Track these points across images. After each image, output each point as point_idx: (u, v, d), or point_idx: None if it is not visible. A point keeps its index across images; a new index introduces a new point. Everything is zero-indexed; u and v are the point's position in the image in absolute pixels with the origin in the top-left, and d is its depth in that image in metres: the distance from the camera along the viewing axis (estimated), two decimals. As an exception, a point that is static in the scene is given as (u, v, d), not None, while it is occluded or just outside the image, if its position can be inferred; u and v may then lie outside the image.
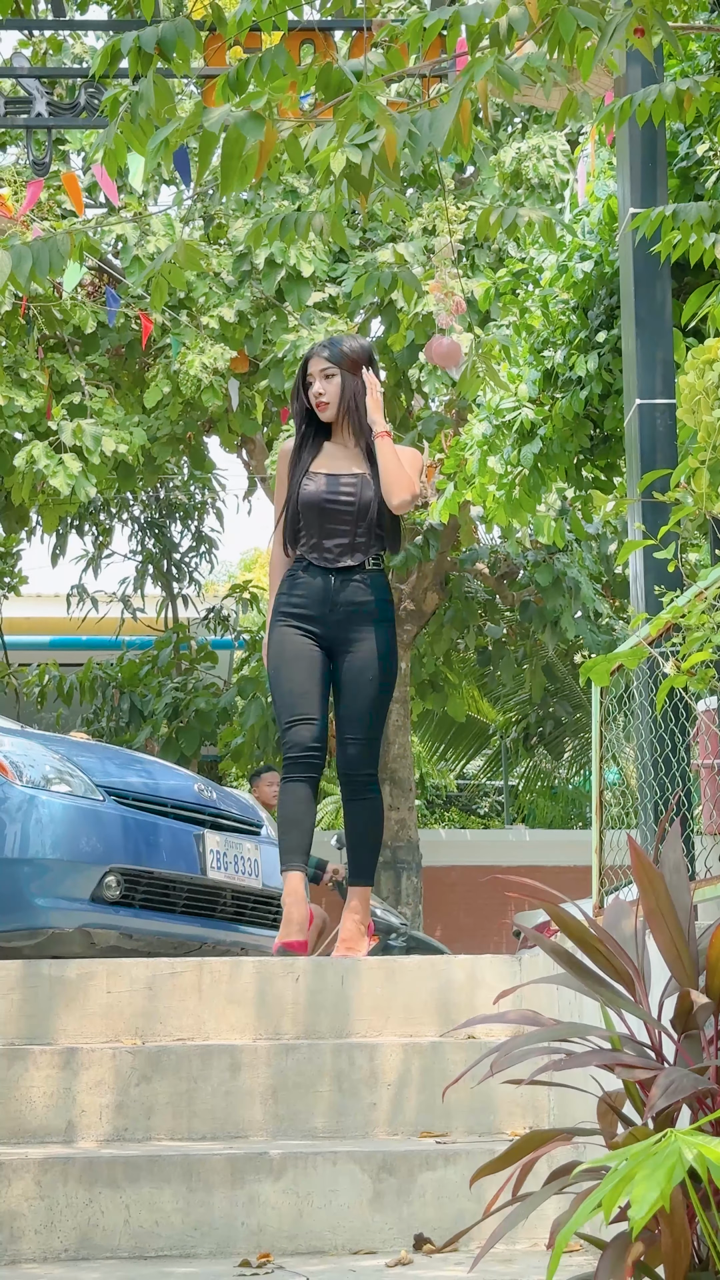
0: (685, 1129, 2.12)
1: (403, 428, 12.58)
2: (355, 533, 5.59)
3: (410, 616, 13.74)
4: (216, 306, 10.73)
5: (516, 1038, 2.71)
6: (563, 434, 7.00)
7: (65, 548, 14.49)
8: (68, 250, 3.68)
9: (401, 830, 13.63)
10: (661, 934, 2.77)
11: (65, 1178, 3.89)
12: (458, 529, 12.91)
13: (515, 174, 11.18)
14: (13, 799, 6.17)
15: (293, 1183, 3.93)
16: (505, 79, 2.93)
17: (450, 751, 18.56)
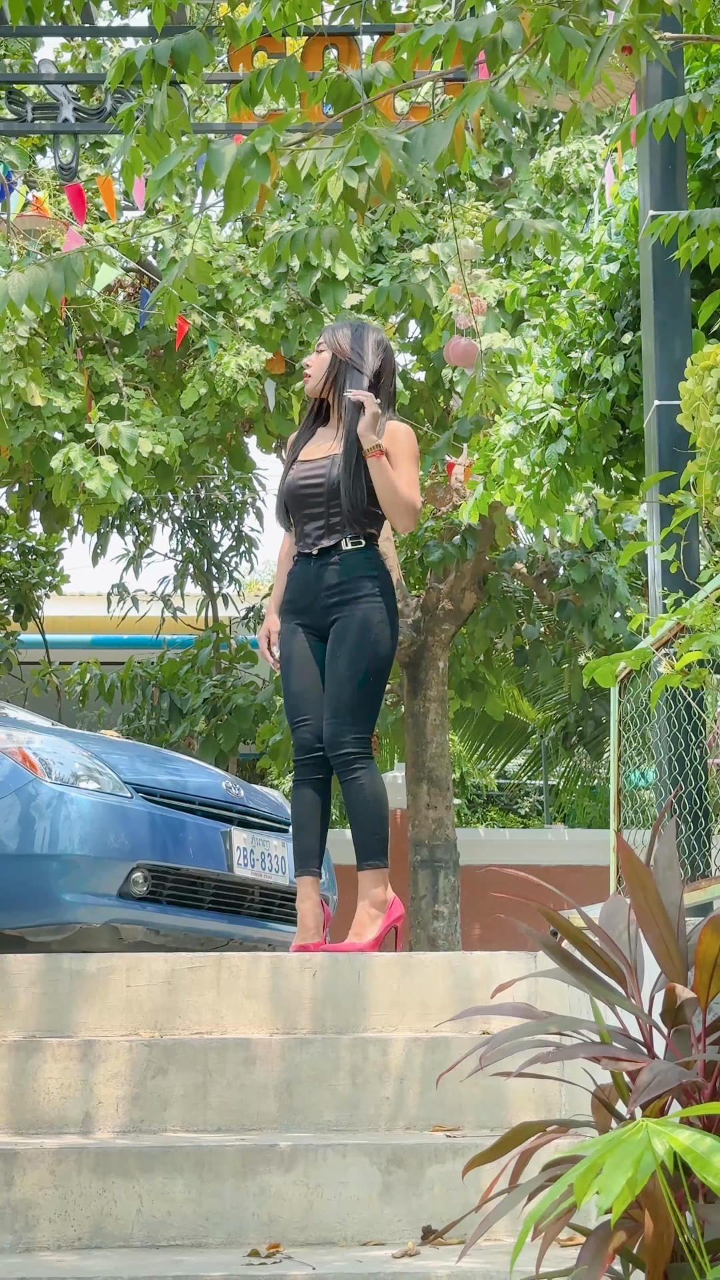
0: (658, 1119, 2.16)
1: (440, 428, 12.62)
2: (329, 514, 5.59)
3: (448, 616, 13.77)
4: (253, 308, 10.79)
5: (506, 1031, 2.76)
6: (590, 435, 7.03)
7: (106, 547, 14.59)
8: (82, 269, 3.74)
9: (439, 829, 13.65)
10: (650, 930, 2.81)
11: (79, 1167, 3.96)
12: (494, 529, 12.93)
13: (556, 179, 11.20)
14: (42, 796, 6.25)
15: (303, 1174, 3.99)
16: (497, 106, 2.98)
17: (490, 750, 18.58)
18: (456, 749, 18.82)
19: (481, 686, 15.24)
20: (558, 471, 7.15)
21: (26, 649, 15.87)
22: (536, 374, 7.15)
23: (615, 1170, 2.02)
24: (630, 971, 2.94)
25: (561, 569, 14.07)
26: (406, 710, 13.94)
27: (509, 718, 17.21)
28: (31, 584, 15.27)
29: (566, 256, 7.03)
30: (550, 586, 14.21)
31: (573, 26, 2.86)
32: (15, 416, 10.70)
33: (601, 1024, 2.79)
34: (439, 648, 13.80)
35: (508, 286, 7.49)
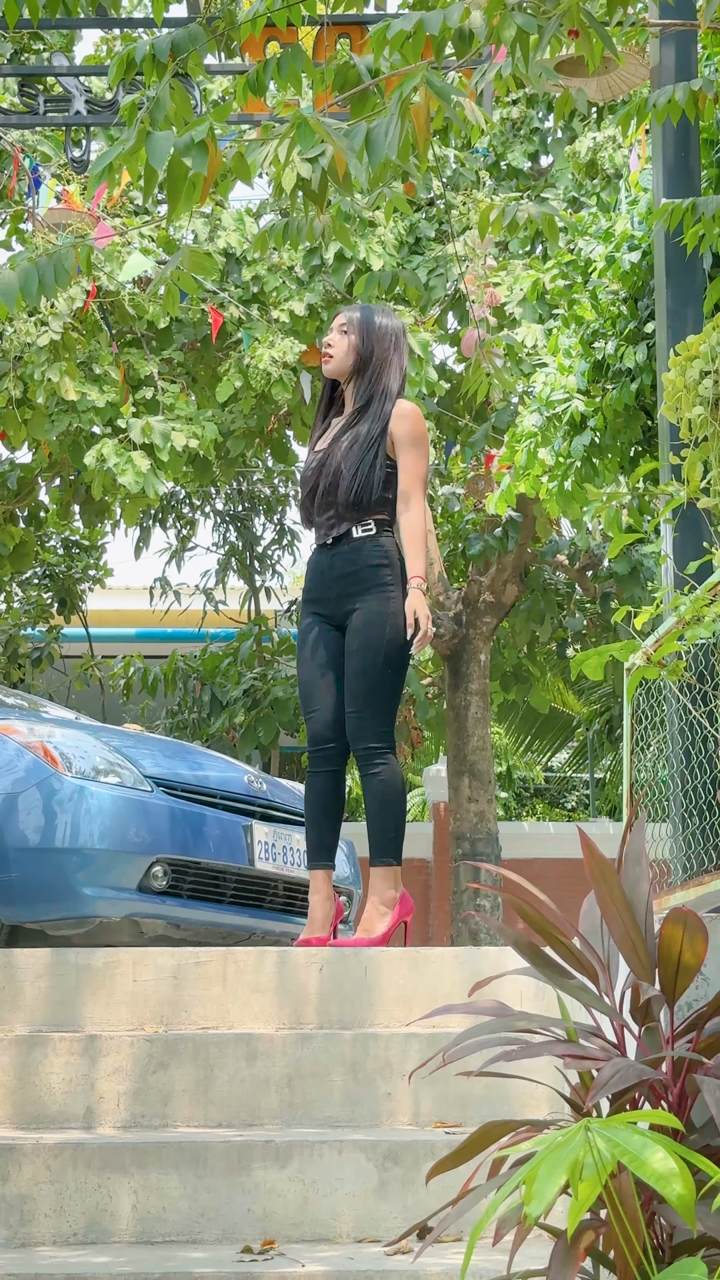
0: (602, 1119, 2.13)
1: (479, 419, 12.57)
2: (337, 502, 5.52)
3: (489, 608, 13.73)
4: (287, 300, 10.78)
5: (470, 1029, 2.73)
6: (615, 426, 6.98)
7: (149, 541, 14.62)
8: (71, 264, 3.73)
9: (480, 822, 13.62)
10: (615, 926, 2.78)
11: (75, 1162, 3.96)
12: (535, 521, 12.88)
13: (591, 164, 11.13)
14: (62, 790, 6.25)
15: (299, 1170, 3.97)
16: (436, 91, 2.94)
17: (537, 743, 18.52)
18: (502, 742, 18.77)
19: (525, 679, 15.19)
20: (583, 462, 7.10)
21: (71, 642, 15.93)
22: (560, 364, 7.10)
23: (550, 1173, 1.99)
24: (603, 969, 2.91)
25: (606, 561, 13.99)
26: (448, 703, 13.91)
27: (554, 711, 17.15)
28: (75, 578, 15.31)
29: (589, 246, 6.98)
30: (593, 579, 14.15)
31: (529, 13, 2.83)
32: (51, 410, 10.73)
33: (569, 1021, 2.76)
34: (480, 640, 13.76)
35: (528, 277, 7.42)
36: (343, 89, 3.88)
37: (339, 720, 5.52)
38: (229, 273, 11.11)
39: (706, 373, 3.28)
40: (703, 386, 3.26)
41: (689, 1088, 2.73)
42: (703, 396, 3.28)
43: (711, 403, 3.27)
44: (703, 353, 3.31)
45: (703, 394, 3.27)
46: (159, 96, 3.65)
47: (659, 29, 4.20)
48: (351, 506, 5.49)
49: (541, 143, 11.75)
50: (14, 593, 15.08)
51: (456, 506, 14.58)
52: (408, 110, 2.93)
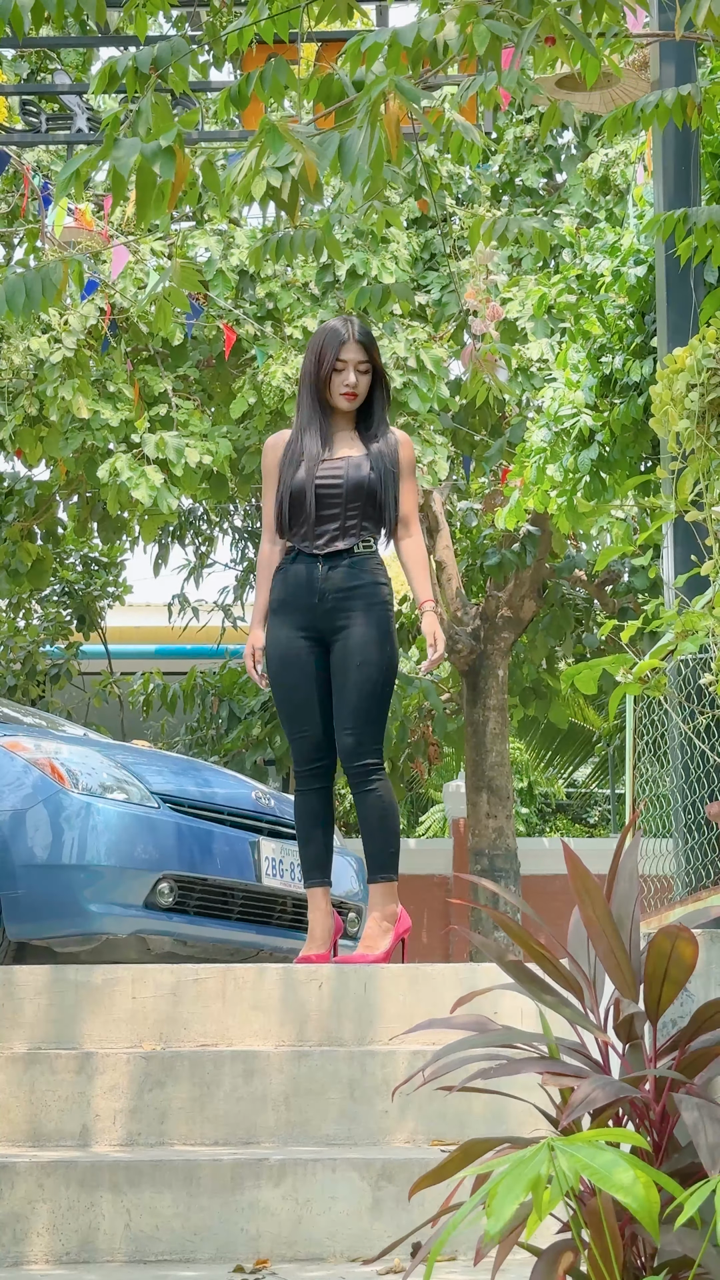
0: (566, 1137, 2.11)
1: (495, 434, 12.56)
2: (345, 516, 5.42)
3: (507, 624, 13.71)
4: (301, 317, 10.78)
5: (450, 1044, 2.71)
6: (623, 440, 6.96)
7: (167, 558, 14.62)
8: (60, 279, 3.72)
9: (499, 838, 13.59)
10: (600, 942, 2.75)
11: (67, 1181, 3.94)
12: (552, 535, 12.86)
13: (604, 180, 11.11)
14: (69, 806, 6.25)
15: (292, 1189, 3.95)
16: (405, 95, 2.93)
17: (557, 759, 18.48)
18: (523, 758, 18.72)
19: (544, 695, 15.15)
20: (591, 477, 7.07)
21: (90, 659, 15.94)
22: (568, 379, 7.09)
23: (509, 1190, 1.97)
24: (589, 985, 2.88)
25: (627, 575, 13.95)
26: (466, 719, 13.88)
27: (575, 726, 17.10)
28: (94, 595, 15.33)
29: (595, 260, 6.96)
30: (612, 594, 14.11)
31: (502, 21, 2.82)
32: (66, 428, 10.74)
33: (550, 1038, 2.74)
34: (499, 656, 13.73)
35: (535, 292, 7.41)
36: (327, 102, 3.87)
37: (328, 738, 5.46)
38: (243, 289, 11.11)
39: (693, 386, 3.26)
40: (689, 400, 3.25)
41: (670, 1107, 2.70)
42: (689, 410, 3.26)
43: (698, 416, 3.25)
44: (689, 366, 3.29)
45: (689, 407, 3.25)
46: (141, 109, 3.65)
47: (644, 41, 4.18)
48: (366, 524, 5.45)
49: (555, 160, 11.74)
50: (33, 610, 15.10)
51: (474, 522, 14.57)
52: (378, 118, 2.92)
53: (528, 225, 3.93)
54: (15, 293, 3.68)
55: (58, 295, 3.68)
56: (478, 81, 3.30)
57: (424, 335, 10.61)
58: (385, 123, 2.96)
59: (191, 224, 11.32)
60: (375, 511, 5.46)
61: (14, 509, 12.91)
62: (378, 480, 5.43)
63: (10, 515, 12.93)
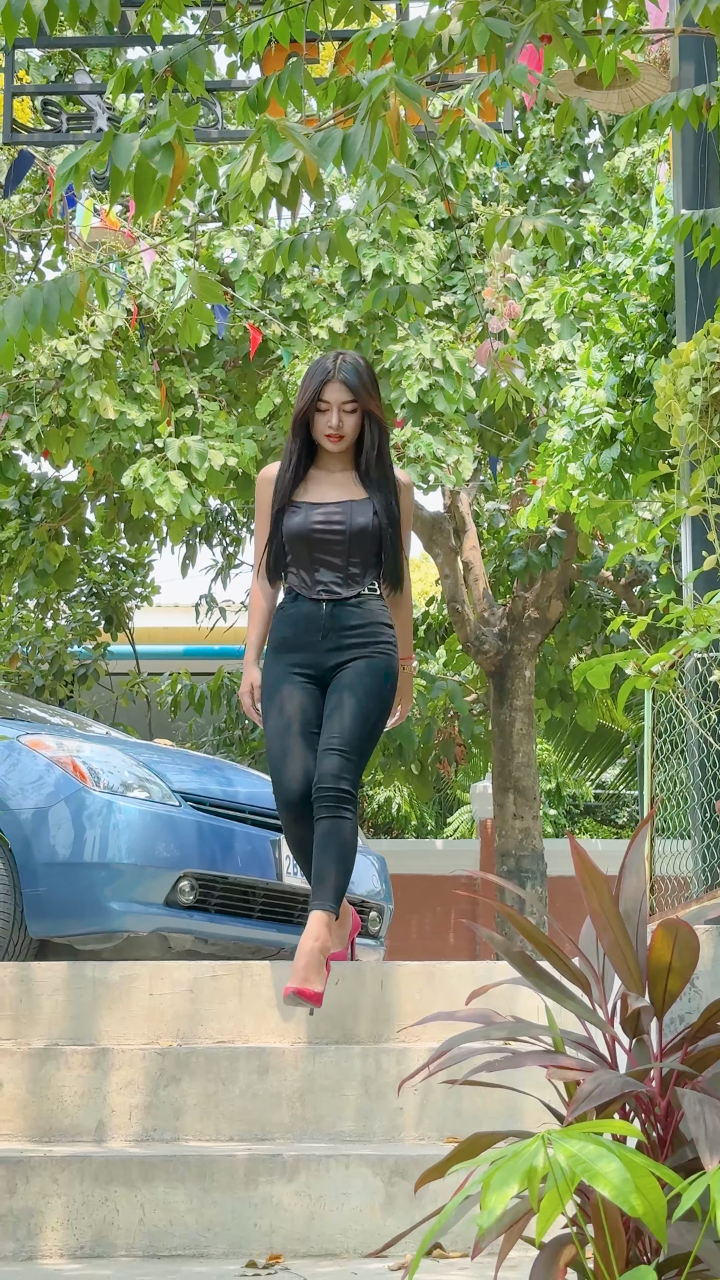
0: (562, 1130, 2.11)
1: (521, 434, 12.55)
2: (349, 564, 5.10)
3: (534, 624, 13.69)
4: (327, 317, 10.79)
5: (456, 1037, 2.71)
6: (645, 439, 6.95)
7: (195, 558, 14.64)
8: (77, 289, 3.71)
9: (526, 839, 13.57)
10: (606, 936, 2.75)
11: (82, 1176, 3.95)
12: (579, 536, 12.84)
13: (630, 179, 11.10)
14: (90, 804, 6.27)
15: (305, 1185, 3.95)
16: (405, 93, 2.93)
17: (585, 760, 18.44)
18: (551, 759, 18.69)
19: (571, 696, 15.12)
20: (613, 476, 7.07)
21: (118, 660, 15.98)
22: (590, 378, 7.08)
23: (501, 1183, 1.97)
24: (596, 980, 2.88)
25: (654, 576, 13.92)
26: (493, 719, 13.87)
27: (603, 726, 17.06)
28: (122, 596, 15.36)
29: (616, 259, 6.95)
30: (639, 594, 14.08)
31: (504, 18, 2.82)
32: (93, 429, 10.77)
33: (555, 1031, 2.74)
34: (525, 657, 13.72)
35: (557, 290, 7.41)
36: (345, 103, 3.88)
37: (311, 777, 5.00)
38: (269, 290, 11.14)
39: (696, 380, 3.25)
40: (692, 394, 3.24)
41: (675, 1102, 2.70)
42: (692, 404, 3.25)
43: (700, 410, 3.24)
44: (692, 360, 3.29)
45: (692, 401, 3.24)
46: (159, 115, 3.66)
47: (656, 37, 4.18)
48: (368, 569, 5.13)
49: (582, 159, 11.72)
50: (60, 610, 15.14)
51: (501, 522, 14.56)
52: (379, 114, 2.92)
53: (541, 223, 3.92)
54: (33, 304, 3.68)
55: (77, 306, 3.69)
56: (489, 79, 3.31)
57: (450, 336, 10.61)
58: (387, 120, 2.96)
59: (218, 225, 11.34)
60: (377, 560, 5.14)
61: (41, 510, 12.96)
62: (383, 527, 5.11)
63: (38, 516, 12.98)
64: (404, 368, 10.54)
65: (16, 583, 13.56)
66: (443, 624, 15.92)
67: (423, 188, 11.04)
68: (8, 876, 6.19)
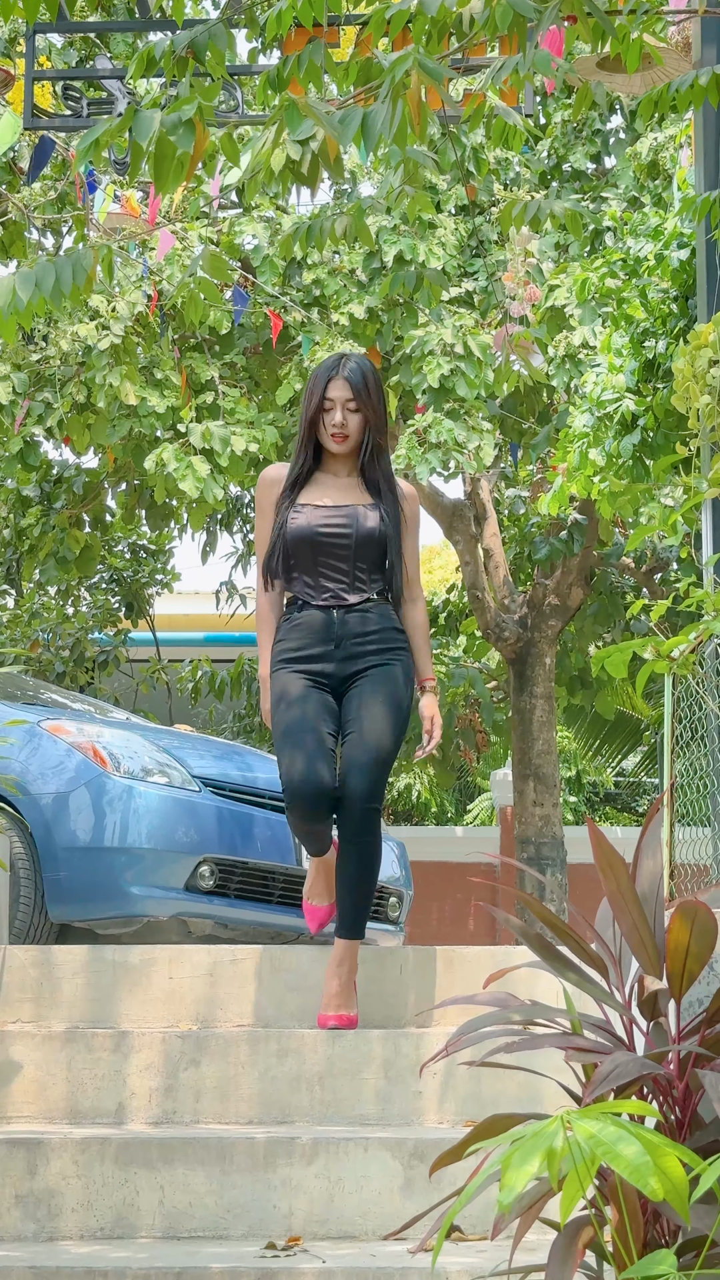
0: (582, 1110, 2.11)
1: (542, 421, 12.53)
2: (355, 570, 4.97)
3: (554, 612, 13.68)
4: (348, 303, 10.78)
5: (472, 1020, 2.71)
6: (666, 424, 6.93)
7: (215, 545, 14.65)
8: (89, 265, 3.71)
9: (546, 826, 13.56)
10: (624, 919, 2.75)
11: (102, 1158, 3.96)
12: (600, 523, 12.82)
13: (652, 164, 11.06)
14: (110, 789, 6.29)
15: (325, 1168, 3.96)
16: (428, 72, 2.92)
17: (606, 747, 18.43)
18: (571, 746, 18.68)
19: (591, 684, 15.11)
20: (634, 462, 7.05)
21: (139, 646, 16.00)
22: (611, 363, 7.06)
23: (521, 1163, 1.97)
24: (614, 963, 2.88)
25: (675, 563, 13.89)
26: (513, 707, 13.87)
27: (623, 714, 17.04)
28: (142, 582, 15.38)
29: (638, 244, 6.93)
30: (660, 581, 14.06)
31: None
32: (113, 416, 10.78)
33: (573, 1014, 2.74)
34: (545, 644, 13.71)
35: (579, 276, 7.39)
36: (365, 84, 3.87)
37: (327, 788, 4.82)
38: (290, 276, 11.13)
39: (716, 361, 3.24)
40: (711, 375, 3.23)
41: (694, 1084, 2.70)
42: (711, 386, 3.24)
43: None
44: (712, 342, 3.28)
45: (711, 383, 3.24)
46: (179, 95, 3.65)
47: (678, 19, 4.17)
48: (374, 575, 5.00)
49: (604, 144, 11.69)
50: (81, 597, 15.16)
51: (522, 509, 14.54)
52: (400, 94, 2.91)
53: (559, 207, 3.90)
54: (44, 277, 3.69)
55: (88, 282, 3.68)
56: (510, 63, 3.30)
57: (471, 322, 10.59)
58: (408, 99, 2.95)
59: (239, 211, 11.33)
60: (383, 568, 5.02)
61: (62, 496, 12.97)
62: (389, 533, 4.99)
63: (58, 503, 12.99)
64: (425, 353, 10.52)
65: (38, 569, 13.59)
66: (463, 611, 15.91)
67: (445, 173, 11.02)
68: (29, 861, 6.21)
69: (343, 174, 3.14)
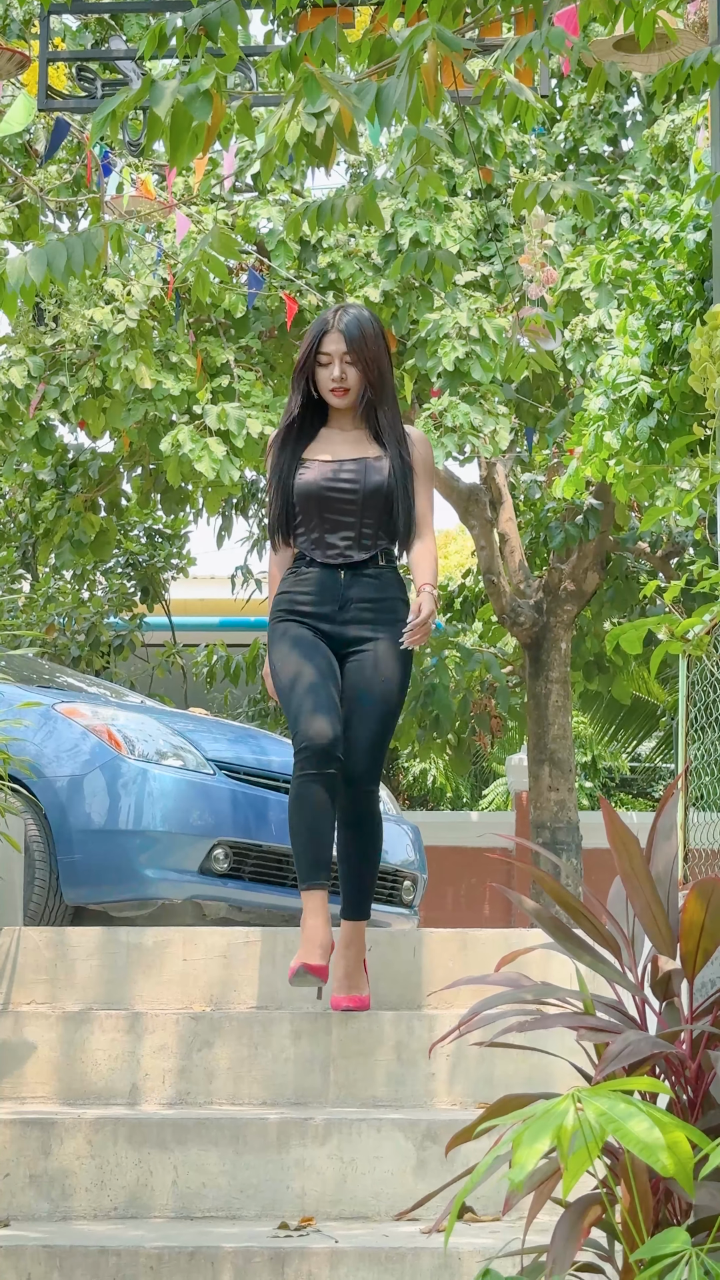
0: (592, 1088, 2.11)
1: (559, 405, 12.50)
2: (361, 525, 4.84)
3: (570, 596, 13.65)
4: (363, 287, 10.76)
5: (484, 1000, 2.71)
6: (682, 407, 6.90)
7: (231, 530, 14.64)
8: (101, 244, 3.71)
9: (561, 811, 13.56)
10: (638, 898, 2.75)
11: (115, 1138, 3.97)
12: (615, 508, 12.79)
13: (670, 147, 11.02)
14: (124, 772, 6.29)
15: (337, 1149, 3.97)
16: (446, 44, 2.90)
17: (621, 732, 18.40)
18: (587, 731, 18.66)
19: (607, 668, 15.09)
20: (649, 445, 7.02)
21: (154, 631, 16.00)
22: (626, 346, 7.04)
23: (532, 1140, 1.97)
24: (627, 943, 2.88)
25: (692, 548, 13.87)
26: (528, 692, 13.85)
27: (639, 699, 17.02)
28: (158, 567, 15.38)
29: (654, 225, 6.90)
30: (676, 566, 14.03)
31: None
32: (129, 400, 10.78)
33: (586, 993, 2.73)
34: (561, 629, 13.69)
35: (595, 258, 7.36)
36: (379, 60, 3.85)
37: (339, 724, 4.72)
38: (305, 260, 11.11)
39: (732, 341, 3.23)
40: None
41: (706, 1064, 2.70)
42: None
43: (737, 371, 3.23)
44: (728, 321, 3.27)
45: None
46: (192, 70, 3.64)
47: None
48: (382, 531, 4.89)
49: (620, 127, 11.65)
50: (97, 581, 15.16)
51: (538, 494, 14.51)
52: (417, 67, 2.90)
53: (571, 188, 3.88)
54: (56, 255, 3.68)
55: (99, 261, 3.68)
56: (525, 41, 3.28)
57: (487, 305, 10.57)
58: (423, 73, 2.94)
59: (254, 194, 11.31)
60: (391, 520, 4.90)
61: (78, 480, 12.97)
62: (396, 485, 4.88)
63: (74, 487, 12.99)
64: (440, 336, 10.50)
65: (53, 553, 13.60)
66: (478, 596, 15.89)
67: (461, 156, 10.99)
68: (43, 843, 6.22)
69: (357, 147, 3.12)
